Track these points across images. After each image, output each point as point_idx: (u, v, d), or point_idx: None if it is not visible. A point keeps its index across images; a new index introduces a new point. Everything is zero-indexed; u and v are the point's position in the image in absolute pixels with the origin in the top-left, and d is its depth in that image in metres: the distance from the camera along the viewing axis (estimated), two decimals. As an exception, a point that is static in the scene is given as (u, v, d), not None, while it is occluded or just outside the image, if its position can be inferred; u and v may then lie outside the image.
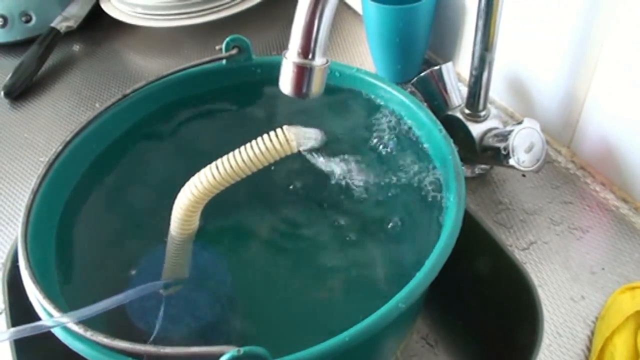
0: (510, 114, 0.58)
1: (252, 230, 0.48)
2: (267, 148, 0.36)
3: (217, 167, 0.36)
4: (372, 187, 0.45)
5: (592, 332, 0.41)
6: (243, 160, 0.36)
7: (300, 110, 0.51)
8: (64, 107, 0.68)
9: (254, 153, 0.36)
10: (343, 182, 0.44)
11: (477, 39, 0.46)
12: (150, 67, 0.74)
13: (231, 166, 0.36)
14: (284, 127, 0.36)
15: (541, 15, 0.50)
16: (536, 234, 0.48)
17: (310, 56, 0.32)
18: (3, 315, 0.47)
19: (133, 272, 0.43)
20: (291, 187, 0.50)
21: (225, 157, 0.36)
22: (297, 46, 0.32)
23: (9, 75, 0.70)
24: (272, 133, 0.36)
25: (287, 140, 0.36)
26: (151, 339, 0.37)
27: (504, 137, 0.46)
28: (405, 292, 0.31)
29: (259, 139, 0.36)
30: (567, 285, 0.44)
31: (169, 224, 0.39)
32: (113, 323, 0.38)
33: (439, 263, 0.32)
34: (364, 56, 0.70)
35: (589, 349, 0.41)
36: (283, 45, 0.75)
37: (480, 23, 0.44)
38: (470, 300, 0.51)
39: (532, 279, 0.44)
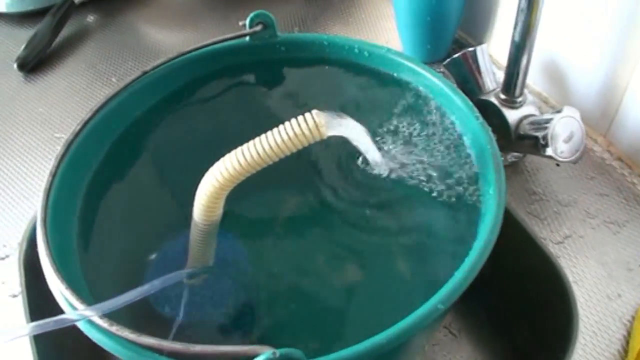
0: (544, 99, 0.56)
1: (276, 215, 0.46)
2: (295, 134, 0.34)
3: (242, 153, 0.34)
4: (399, 177, 0.43)
5: (629, 333, 0.40)
6: (270, 146, 0.34)
7: (326, 90, 0.49)
8: (79, 81, 0.66)
9: (282, 139, 0.34)
10: (368, 168, 0.42)
11: (518, 20, 0.43)
12: (166, 40, 0.72)
13: (257, 152, 0.34)
14: (314, 111, 0.34)
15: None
16: (571, 227, 0.46)
17: None
18: (19, 298, 0.46)
19: (153, 256, 0.42)
20: (319, 169, 0.48)
21: (251, 143, 0.34)
22: None
23: (23, 47, 0.68)
24: (300, 117, 0.34)
25: (316, 125, 0.34)
26: (173, 330, 0.35)
27: (542, 125, 0.44)
28: (445, 293, 0.29)
29: (287, 123, 0.34)
30: (603, 282, 0.43)
31: (192, 209, 0.37)
32: (135, 309, 0.37)
33: (479, 262, 0.31)
34: (389, 33, 0.67)
35: (625, 350, 0.39)
36: (302, 21, 0.72)
37: (524, 3, 0.42)
38: (499, 293, 0.50)
39: (567, 274, 0.43)
